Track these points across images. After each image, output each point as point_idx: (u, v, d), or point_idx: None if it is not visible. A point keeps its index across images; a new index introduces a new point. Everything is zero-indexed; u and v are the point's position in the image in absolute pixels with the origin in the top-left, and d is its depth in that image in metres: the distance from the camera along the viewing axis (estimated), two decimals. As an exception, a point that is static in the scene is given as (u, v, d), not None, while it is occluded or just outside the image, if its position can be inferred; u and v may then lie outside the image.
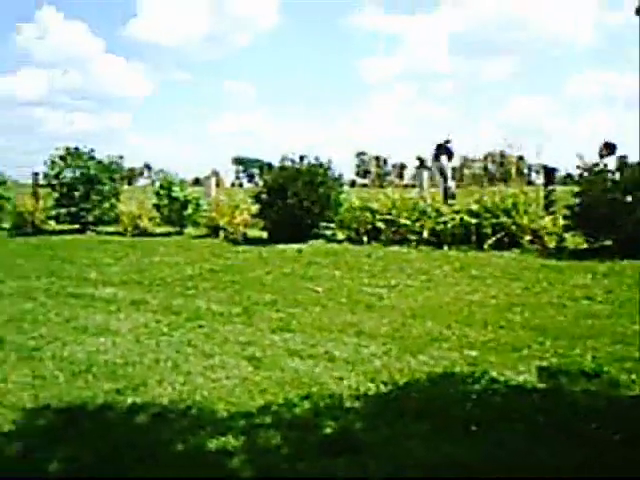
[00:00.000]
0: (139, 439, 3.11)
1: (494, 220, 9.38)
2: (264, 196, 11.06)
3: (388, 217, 10.25)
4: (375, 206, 10.61)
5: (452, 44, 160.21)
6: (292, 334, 4.99)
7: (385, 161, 44.95)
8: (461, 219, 9.61)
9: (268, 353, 4.49)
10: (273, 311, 5.79)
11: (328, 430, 3.12)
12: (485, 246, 9.09)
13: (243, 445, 2.93)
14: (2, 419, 3.35)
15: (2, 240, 12.11)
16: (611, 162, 9.33)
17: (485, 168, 16.39)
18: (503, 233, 9.25)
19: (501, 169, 13.60)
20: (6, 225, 14.19)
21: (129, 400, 3.64)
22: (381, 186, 14.33)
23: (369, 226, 10.33)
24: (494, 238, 9.17)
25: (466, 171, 15.95)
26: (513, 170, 11.09)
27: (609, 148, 9.87)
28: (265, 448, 2.92)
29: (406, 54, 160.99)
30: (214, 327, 5.25)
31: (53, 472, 2.79)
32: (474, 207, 9.83)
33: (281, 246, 9.99)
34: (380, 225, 10.21)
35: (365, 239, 10.14)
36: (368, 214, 10.45)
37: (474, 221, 9.48)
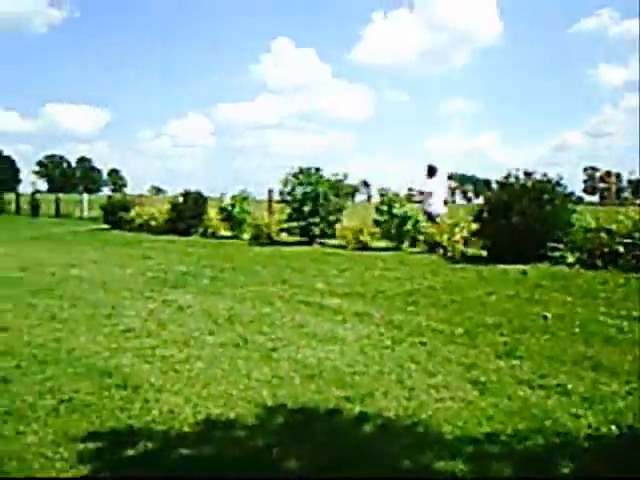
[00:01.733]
0: (366, 449, 3.23)
1: None
2: (485, 214, 10.71)
3: (629, 240, 9.15)
4: (613, 227, 9.55)
5: None
6: (519, 361, 4.72)
7: (618, 176, 40.24)
8: None
9: (493, 378, 4.32)
10: (497, 334, 5.55)
11: (565, 470, 2.88)
12: None
13: (473, 472, 2.85)
14: (247, 413, 3.74)
15: (244, 248, 13.63)
16: None
17: None
18: None
19: None
20: (246, 235, 15.96)
21: (357, 409, 3.79)
22: (621, 204, 12.87)
23: (605, 249, 9.34)
24: None
25: None
26: None
27: (431, 170, 12.61)
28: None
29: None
30: (436, 345, 5.23)
31: (289, 470, 3.02)
32: None
33: (502, 266, 9.55)
34: (619, 249, 9.16)
35: (599, 263, 9.19)
36: (604, 235, 9.45)
37: None
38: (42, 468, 2.97)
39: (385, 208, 13.02)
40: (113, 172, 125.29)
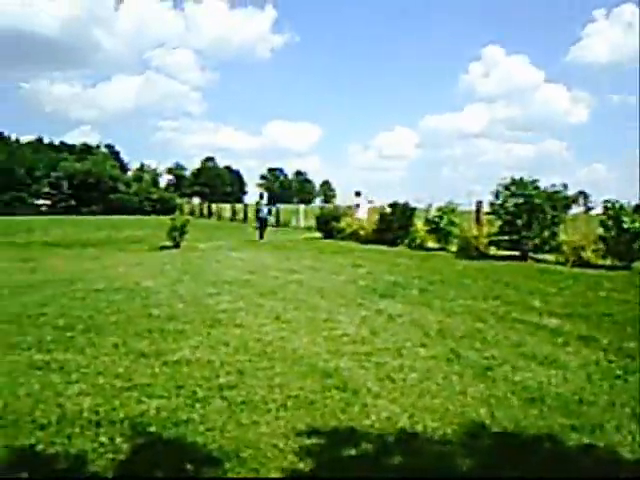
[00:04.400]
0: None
1: None
2: None
3: None
4: None
5: None
6: None
7: None
8: None
9: None
10: None
11: None
12: None
13: None
14: (463, 430, 3.66)
15: (451, 261, 13.43)
16: None
17: None
18: None
19: None
20: (453, 248, 15.70)
21: (584, 440, 3.50)
22: None
23: None
24: None
25: None
26: None
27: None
28: None
29: None
30: (681, 381, 4.56)
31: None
32: None
33: None
34: None
35: None
36: None
37: None
38: (275, 458, 3.25)
39: (612, 223, 11.78)
40: (325, 184, 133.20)
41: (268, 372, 4.78)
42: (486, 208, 15.48)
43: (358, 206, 21.35)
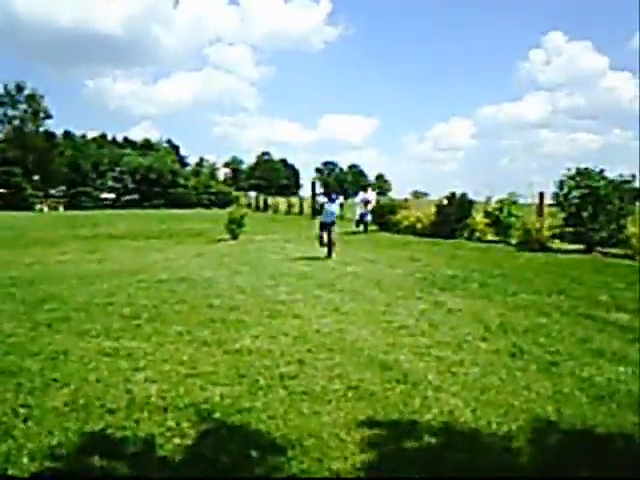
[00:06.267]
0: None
1: None
2: None
3: None
4: None
5: None
6: None
7: None
8: None
9: None
10: None
11: None
12: None
13: None
14: (529, 427, 3.58)
15: (512, 254, 13.08)
16: None
17: None
18: None
19: None
20: (514, 240, 15.29)
21: (659, 441, 3.35)
22: None
23: None
24: None
25: None
26: None
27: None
28: None
29: None
30: None
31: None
32: None
33: None
34: None
35: None
36: None
37: None
38: (337, 448, 3.27)
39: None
40: (379, 177, 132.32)
41: (328, 363, 4.81)
42: (548, 200, 15.00)
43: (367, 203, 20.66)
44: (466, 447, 3.30)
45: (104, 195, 55.53)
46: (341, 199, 16.39)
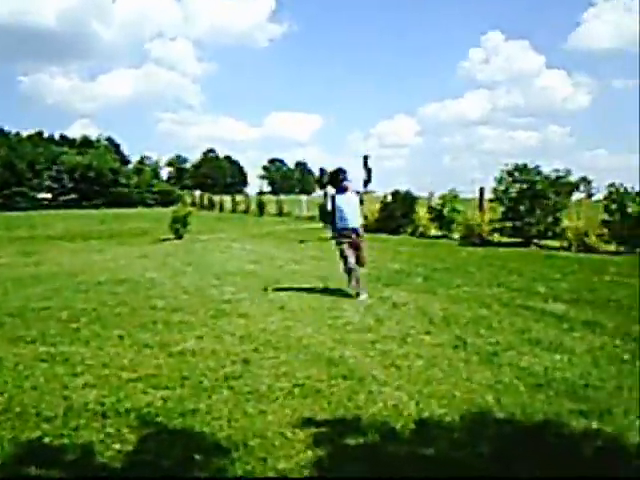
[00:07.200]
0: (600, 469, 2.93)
1: None
2: None
3: None
4: None
5: None
6: None
7: None
8: None
9: None
10: None
11: None
12: None
13: None
14: (470, 417, 3.65)
15: (455, 248, 13.41)
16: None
17: None
18: None
19: None
20: (456, 235, 15.67)
21: (593, 425, 3.48)
22: None
23: None
24: None
25: None
26: None
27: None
28: None
29: None
30: (688, 364, 4.54)
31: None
32: None
33: None
34: None
35: None
36: None
37: None
38: (282, 447, 3.24)
39: (616, 207, 11.72)
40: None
41: (274, 361, 4.77)
42: (488, 195, 15.42)
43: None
44: (409, 439, 3.34)
45: (41, 195, 53.49)
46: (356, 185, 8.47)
